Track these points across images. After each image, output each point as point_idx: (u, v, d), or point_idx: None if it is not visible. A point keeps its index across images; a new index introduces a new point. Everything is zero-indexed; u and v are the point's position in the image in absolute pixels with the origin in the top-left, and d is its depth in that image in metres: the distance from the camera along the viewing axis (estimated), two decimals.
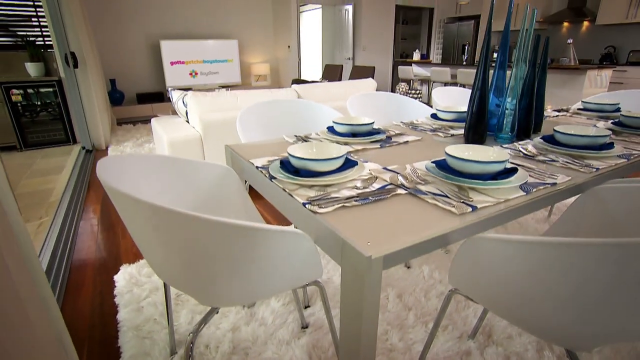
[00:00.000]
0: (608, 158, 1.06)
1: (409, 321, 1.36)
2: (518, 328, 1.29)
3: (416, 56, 6.50)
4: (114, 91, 5.40)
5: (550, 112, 1.86)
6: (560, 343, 0.71)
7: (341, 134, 1.26)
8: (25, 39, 4.18)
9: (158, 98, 5.65)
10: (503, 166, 0.85)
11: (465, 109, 1.55)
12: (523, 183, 0.84)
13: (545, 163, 1.04)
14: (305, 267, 0.79)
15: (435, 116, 1.60)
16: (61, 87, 4.14)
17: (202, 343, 1.25)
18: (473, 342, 1.26)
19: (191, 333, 0.80)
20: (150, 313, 1.39)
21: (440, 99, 2.07)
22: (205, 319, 0.81)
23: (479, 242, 0.70)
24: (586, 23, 6.03)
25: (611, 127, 1.43)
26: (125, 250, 1.89)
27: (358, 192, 0.81)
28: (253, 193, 2.21)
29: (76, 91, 3.75)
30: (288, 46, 6.44)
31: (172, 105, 3.05)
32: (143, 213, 0.65)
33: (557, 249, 0.56)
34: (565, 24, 6.34)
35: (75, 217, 2.29)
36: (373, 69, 4.95)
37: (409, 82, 6.59)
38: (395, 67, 7.76)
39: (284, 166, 0.91)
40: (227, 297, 0.77)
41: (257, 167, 0.98)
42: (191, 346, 0.83)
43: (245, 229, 0.64)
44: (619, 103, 1.73)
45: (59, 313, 1.00)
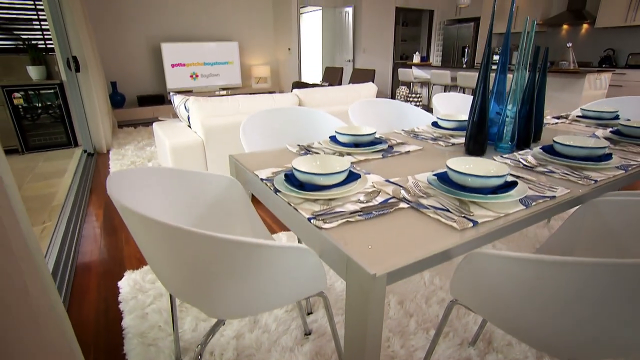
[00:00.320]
0: (606, 169, 1.08)
1: (411, 328, 1.37)
2: None
3: (416, 59, 6.52)
4: (115, 94, 5.42)
5: (549, 120, 1.88)
6: (557, 356, 0.73)
7: (344, 144, 1.28)
8: (27, 43, 4.20)
9: (159, 101, 5.67)
10: (503, 180, 0.86)
11: (465, 118, 1.57)
12: (523, 197, 0.86)
13: (544, 174, 1.06)
14: (310, 281, 0.81)
15: (436, 124, 1.62)
16: (62, 91, 4.16)
17: (207, 350, 1.27)
18: (473, 350, 1.27)
19: (199, 345, 0.82)
20: (155, 320, 1.40)
21: (440, 106, 2.09)
22: (212, 330, 0.83)
23: (479, 258, 0.72)
24: (585, 26, 6.05)
25: (609, 136, 1.45)
26: (128, 255, 1.91)
27: (361, 207, 0.82)
28: (256, 199, 2.23)
29: (78, 95, 3.77)
30: (288, 48, 6.46)
31: (174, 109, 3.07)
32: (152, 230, 0.67)
33: (552, 267, 0.58)
34: (564, 27, 6.36)
35: (78, 222, 2.30)
36: (373, 72, 4.97)
37: (409, 85, 6.61)
38: (395, 69, 7.78)
39: (289, 179, 0.92)
40: (234, 310, 0.79)
41: (262, 180, 1.00)
42: (199, 358, 0.85)
43: (251, 246, 0.66)
44: (618, 111, 1.75)
45: (67, 319, 1.02)
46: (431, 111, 6.04)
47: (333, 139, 1.34)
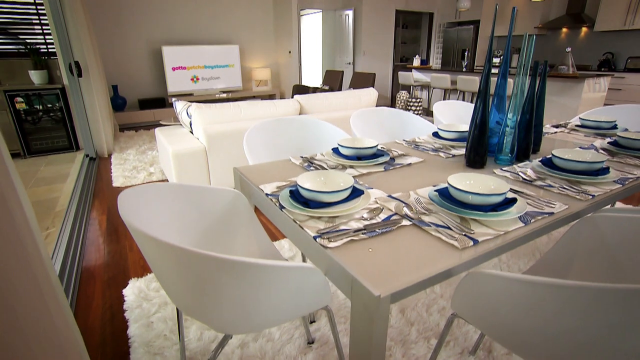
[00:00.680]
0: (604, 184, 1.10)
1: (412, 336, 1.40)
2: None
3: (416, 62, 6.55)
4: (116, 97, 5.44)
5: (549, 128, 1.91)
6: None
7: (346, 157, 1.30)
8: (29, 47, 4.22)
9: (160, 104, 5.69)
10: (503, 198, 0.89)
11: (466, 128, 1.60)
12: (522, 214, 0.88)
13: (543, 189, 1.08)
14: (315, 297, 0.83)
15: (437, 134, 1.64)
16: (64, 94, 4.19)
17: None
18: (474, 358, 1.30)
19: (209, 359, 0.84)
20: (160, 329, 1.43)
21: (441, 114, 2.11)
22: (221, 344, 0.85)
23: (479, 277, 0.74)
24: (585, 29, 6.08)
25: (607, 148, 1.47)
26: (133, 263, 1.93)
27: (365, 224, 0.85)
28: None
29: (80, 99, 3.79)
30: (289, 51, 6.48)
31: (176, 115, 3.09)
32: (162, 250, 0.69)
33: (549, 289, 0.60)
34: (564, 30, 6.39)
35: (82, 229, 2.32)
36: (374, 76, 4.99)
37: (409, 89, 6.64)
38: (395, 72, 7.81)
39: (294, 195, 0.95)
40: (240, 326, 0.81)
41: (267, 195, 1.02)
42: None
43: (258, 267, 0.68)
44: (615, 121, 1.77)
45: (76, 326, 1.04)
46: (431, 114, 6.05)
47: (335, 151, 1.36)
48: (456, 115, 2.19)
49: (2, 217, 0.78)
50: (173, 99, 3.14)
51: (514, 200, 0.92)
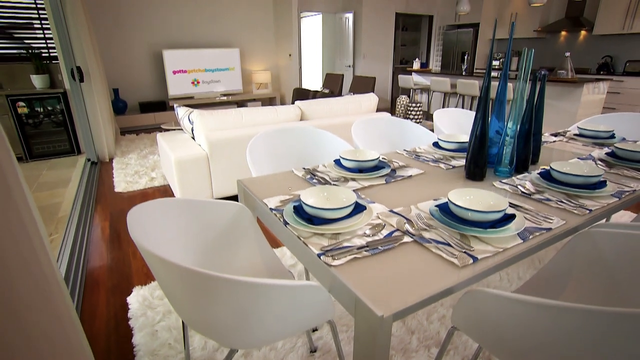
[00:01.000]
0: (601, 198, 1.12)
1: (412, 345, 1.42)
2: None
3: (416, 65, 6.58)
4: (117, 100, 5.46)
5: (547, 137, 1.93)
6: None
7: (348, 169, 1.32)
8: (30, 51, 4.24)
9: (160, 107, 5.71)
10: (502, 214, 0.91)
11: (465, 138, 1.62)
12: (521, 230, 0.91)
13: (541, 202, 1.10)
14: (319, 313, 0.86)
15: (437, 145, 1.66)
16: (66, 98, 4.21)
17: None
18: None
19: None
20: (165, 337, 1.45)
21: (441, 122, 2.14)
22: (229, 357, 0.87)
23: (477, 295, 0.77)
24: (583, 32, 6.11)
25: (605, 158, 1.50)
26: (136, 270, 1.95)
27: (368, 241, 0.87)
28: None
29: (82, 104, 3.81)
30: (289, 54, 6.51)
31: (178, 120, 3.11)
32: (170, 271, 0.71)
33: (540, 309, 0.63)
34: (563, 33, 6.42)
35: (85, 236, 2.34)
36: (374, 80, 5.01)
37: (409, 93, 6.67)
38: (395, 74, 7.83)
39: (297, 211, 0.97)
40: (245, 342, 0.83)
41: (271, 210, 1.05)
42: None
43: (264, 287, 0.71)
44: (613, 130, 1.80)
45: (83, 333, 1.06)
46: (431, 117, 6.05)
47: (337, 163, 1.38)
48: (456, 123, 2.21)
49: (13, 222, 0.80)
50: (175, 105, 3.16)
51: (513, 216, 0.94)
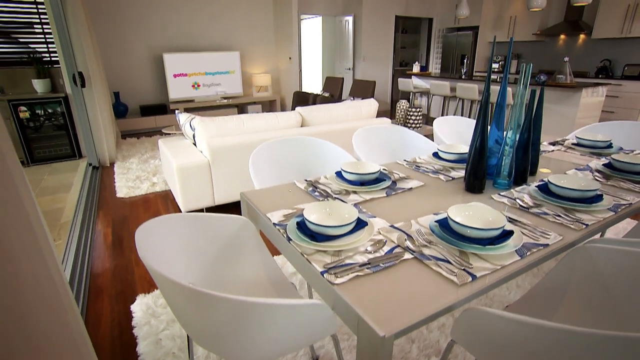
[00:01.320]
0: (597, 212, 1.15)
1: (413, 354, 1.44)
2: None
3: (416, 68, 6.61)
4: (118, 104, 5.48)
5: (546, 146, 1.95)
6: None
7: (350, 181, 1.35)
8: (32, 56, 4.26)
9: (161, 110, 5.73)
10: (500, 232, 0.93)
11: (465, 149, 1.64)
12: (519, 247, 0.93)
13: (539, 217, 1.12)
14: (322, 328, 0.88)
15: (437, 155, 1.69)
16: (67, 103, 4.23)
17: None
18: None
19: None
20: (169, 347, 1.47)
21: (441, 131, 2.16)
22: None
23: (475, 313, 0.79)
24: (582, 36, 6.14)
25: (602, 170, 1.52)
26: (140, 278, 1.97)
27: (369, 258, 0.89)
28: None
29: (83, 109, 3.83)
30: (289, 57, 6.53)
31: (179, 126, 3.13)
32: (178, 291, 0.74)
33: (541, 330, 0.65)
34: (562, 37, 6.45)
35: (88, 242, 2.37)
36: (374, 84, 5.04)
37: (409, 98, 6.70)
38: (395, 76, 7.86)
39: (300, 228, 0.99)
40: (248, 357, 0.86)
41: (275, 224, 1.07)
42: None
43: (268, 307, 0.73)
44: (611, 140, 1.82)
45: (90, 341, 1.09)
46: (431, 121, 6.09)
47: (339, 175, 1.40)
48: (456, 131, 2.23)
49: (23, 229, 0.83)
50: (177, 111, 3.18)
51: (511, 232, 0.96)
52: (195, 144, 2.88)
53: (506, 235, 0.95)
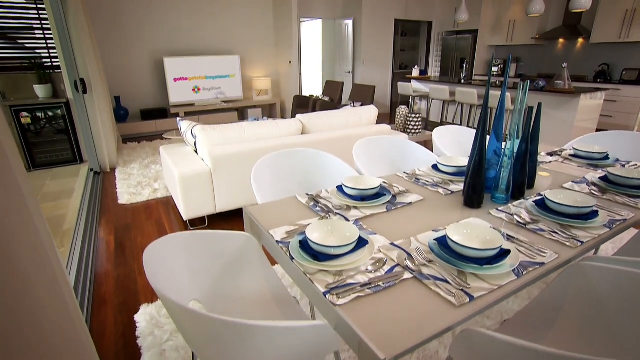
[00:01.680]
0: (593, 228, 1.17)
1: None
2: None
3: (415, 72, 6.64)
4: (119, 108, 5.51)
5: (544, 157, 1.98)
6: None
7: (350, 196, 1.37)
8: (34, 61, 4.28)
9: (162, 114, 5.76)
10: (497, 251, 0.96)
11: (464, 163, 1.67)
12: (515, 267, 0.96)
13: (535, 233, 1.15)
14: (325, 347, 0.90)
15: (436, 167, 1.71)
16: (68, 108, 4.26)
17: None
18: None
19: None
20: (173, 358, 1.49)
21: (441, 142, 2.19)
22: None
23: (473, 335, 0.81)
24: (581, 40, 6.17)
25: (598, 183, 1.55)
26: (143, 287, 2.00)
27: (370, 278, 0.92)
28: None
29: (85, 115, 3.85)
30: (289, 61, 6.56)
31: (181, 134, 3.16)
32: (182, 314, 0.76)
33: (535, 355, 0.68)
34: (560, 41, 6.48)
35: (91, 251, 2.39)
36: (373, 89, 5.07)
37: (408, 103, 6.73)
38: (394, 79, 7.89)
39: (303, 247, 1.02)
40: None
41: (277, 242, 1.09)
42: None
43: (272, 329, 0.75)
44: (607, 152, 1.85)
45: (95, 352, 1.11)
46: (431, 125, 6.09)
47: (340, 190, 1.43)
48: (456, 141, 2.26)
49: (30, 236, 0.85)
50: (178, 118, 3.21)
51: (508, 252, 0.99)
52: (196, 152, 2.90)
53: (503, 254, 0.98)
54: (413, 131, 3.93)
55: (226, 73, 6.29)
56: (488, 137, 1.44)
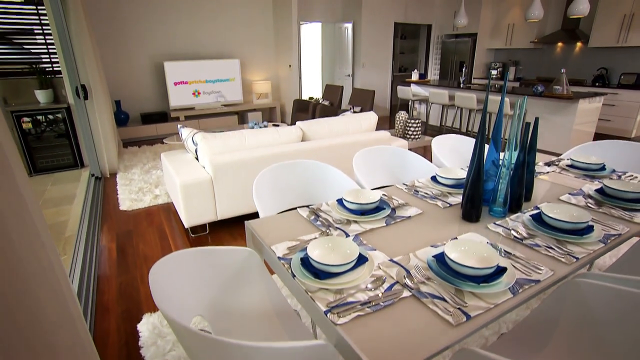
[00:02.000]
0: (588, 244, 1.20)
1: None
2: None
3: (415, 76, 6.67)
4: (119, 112, 5.53)
5: (541, 167, 2.01)
6: None
7: (351, 210, 1.40)
8: (35, 67, 4.30)
9: (162, 118, 5.78)
10: (493, 269, 0.98)
11: (463, 175, 1.69)
12: (511, 285, 0.98)
13: (532, 249, 1.18)
14: None
15: (435, 179, 1.74)
16: (69, 113, 4.28)
17: None
18: None
19: None
20: None
21: (440, 151, 2.21)
22: None
23: (468, 354, 0.84)
24: (579, 44, 6.20)
25: (594, 196, 1.57)
26: (145, 296, 2.02)
27: (370, 296, 0.94)
28: None
29: (86, 120, 3.87)
30: (289, 65, 6.58)
31: (182, 140, 3.18)
32: (193, 338, 0.78)
33: None
34: (559, 44, 6.51)
35: (94, 258, 2.41)
36: (373, 94, 5.09)
37: (408, 108, 6.76)
38: (394, 82, 7.92)
39: (304, 264, 1.04)
40: None
41: (279, 258, 1.12)
42: None
43: (274, 350, 0.78)
44: (604, 163, 1.88)
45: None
46: (430, 129, 6.11)
47: (340, 203, 1.45)
48: (455, 150, 2.28)
49: (33, 243, 0.87)
50: (179, 125, 3.23)
51: (504, 269, 1.01)
52: (197, 159, 2.93)
53: (500, 272, 1.00)
54: (412, 137, 3.95)
55: (226, 76, 6.31)
56: (487, 146, 1.46)
